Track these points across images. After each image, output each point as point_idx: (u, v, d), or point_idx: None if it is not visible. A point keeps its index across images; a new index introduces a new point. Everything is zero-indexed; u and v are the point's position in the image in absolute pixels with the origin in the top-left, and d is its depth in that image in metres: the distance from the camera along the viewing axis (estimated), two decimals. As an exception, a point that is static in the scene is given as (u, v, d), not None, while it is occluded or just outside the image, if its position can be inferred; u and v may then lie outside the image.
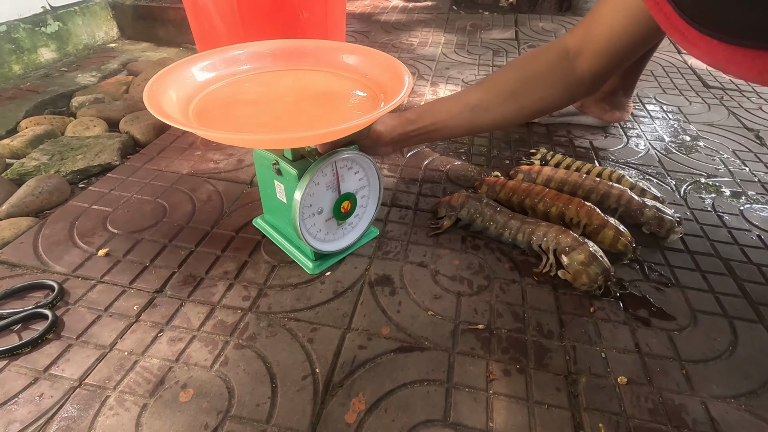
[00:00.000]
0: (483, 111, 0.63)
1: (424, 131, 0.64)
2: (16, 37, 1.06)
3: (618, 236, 0.61)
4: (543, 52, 0.62)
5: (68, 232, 0.64)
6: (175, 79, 0.51)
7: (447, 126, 0.64)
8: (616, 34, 0.54)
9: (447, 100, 0.65)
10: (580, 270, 0.56)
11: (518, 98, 0.62)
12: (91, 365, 0.47)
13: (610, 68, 0.59)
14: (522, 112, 0.64)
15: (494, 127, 0.68)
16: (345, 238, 0.61)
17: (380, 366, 0.47)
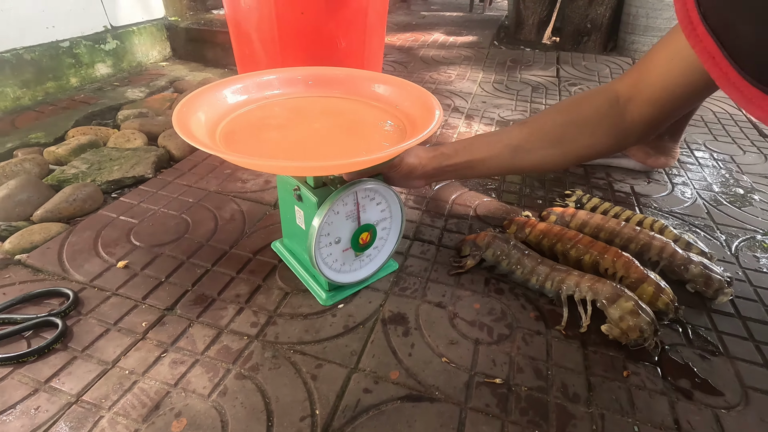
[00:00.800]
0: (524, 153, 0.60)
1: (460, 168, 0.61)
2: (77, 53, 1.14)
3: (659, 293, 0.56)
4: (592, 96, 0.58)
5: (93, 242, 0.65)
6: (206, 101, 0.52)
7: (484, 164, 0.61)
8: (670, 84, 0.51)
9: (487, 138, 0.62)
10: (630, 321, 0.51)
11: (563, 143, 0.59)
12: (91, 381, 0.46)
13: (663, 118, 0.54)
14: (566, 157, 0.60)
15: (533, 170, 0.64)
16: (362, 270, 0.59)
17: (384, 415, 0.44)
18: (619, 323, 0.52)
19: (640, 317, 0.51)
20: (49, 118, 1.01)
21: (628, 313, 0.51)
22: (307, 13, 0.71)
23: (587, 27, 1.77)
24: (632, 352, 0.52)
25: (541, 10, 1.90)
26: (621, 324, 0.51)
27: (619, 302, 0.52)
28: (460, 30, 2.20)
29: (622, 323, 0.51)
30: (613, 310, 0.52)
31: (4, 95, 1.01)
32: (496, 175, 0.75)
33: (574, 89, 1.40)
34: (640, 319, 0.51)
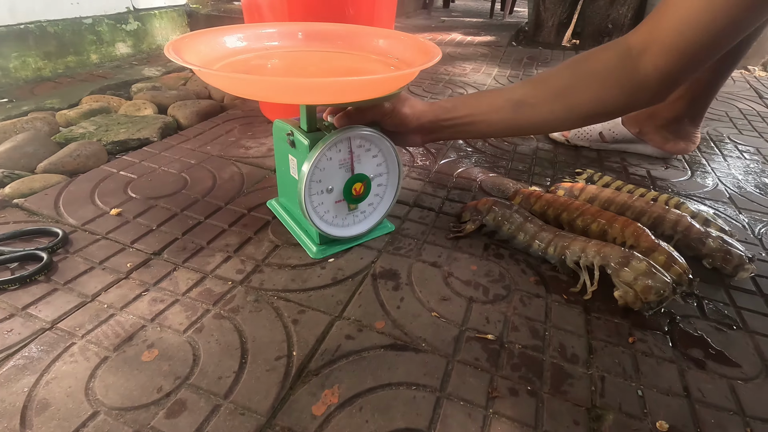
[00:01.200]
0: (528, 108, 0.56)
1: (459, 123, 0.58)
2: (99, 30, 1.17)
3: (671, 262, 0.52)
4: (603, 50, 0.54)
5: (90, 191, 0.65)
6: (204, 41, 0.51)
7: (485, 120, 0.58)
8: (688, 26, 0.46)
9: (488, 93, 0.59)
10: (647, 281, 0.47)
11: (569, 96, 0.54)
12: (68, 311, 0.44)
13: (681, 69, 0.50)
14: (572, 112, 0.55)
15: (540, 128, 0.60)
16: (355, 227, 0.57)
17: (365, 360, 0.41)
18: (634, 285, 0.48)
19: (656, 277, 0.47)
20: (66, 88, 1.03)
21: (642, 274, 0.48)
22: (315, -23, 0.71)
23: (608, 27, 1.74)
24: (638, 320, 0.48)
25: (561, 12, 1.88)
26: (636, 286, 0.48)
27: (632, 264, 0.49)
28: (479, 31, 2.19)
29: (636, 284, 0.48)
30: (626, 272, 0.49)
31: (25, 65, 1.04)
32: (499, 134, 0.71)
33: (592, 84, 1.37)
34: (656, 278, 0.47)
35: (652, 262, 0.49)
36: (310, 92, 0.43)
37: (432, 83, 1.29)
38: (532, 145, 0.92)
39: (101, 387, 0.37)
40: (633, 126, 0.87)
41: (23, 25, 1.01)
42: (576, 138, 0.91)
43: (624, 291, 0.49)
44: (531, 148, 0.90)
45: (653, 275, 0.48)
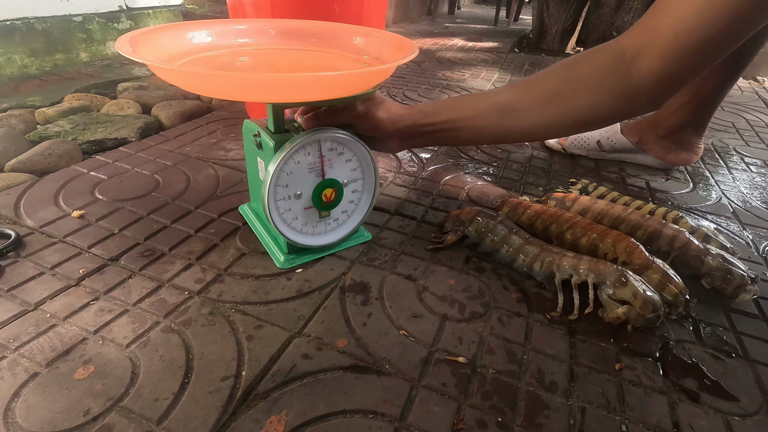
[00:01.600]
0: (513, 113, 0.52)
1: (440, 128, 0.55)
2: (89, 28, 1.16)
3: (666, 281, 0.48)
4: (595, 52, 0.50)
5: (55, 192, 0.62)
6: (170, 37, 0.48)
7: (468, 126, 0.54)
8: (685, 27, 0.42)
9: (471, 97, 0.56)
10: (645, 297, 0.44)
11: (558, 102, 0.51)
12: (6, 320, 0.41)
13: (678, 74, 0.46)
14: (561, 119, 0.52)
15: (527, 135, 0.56)
16: (327, 235, 0.53)
17: (321, 383, 0.37)
18: (633, 302, 0.44)
19: (652, 294, 0.44)
20: (51, 86, 1.01)
21: (639, 291, 0.44)
22: (299, -26, 0.69)
23: (613, 35, 1.70)
24: (628, 344, 0.44)
25: (566, 19, 1.85)
26: (635, 303, 0.44)
27: (630, 281, 0.45)
28: (481, 38, 2.16)
29: (636, 301, 0.44)
30: (626, 290, 0.45)
31: (11, 61, 1.02)
32: (484, 141, 0.68)
33: (594, 92, 1.33)
34: (651, 296, 0.44)
35: (645, 282, 0.46)
36: (271, 89, 0.39)
37: (429, 88, 1.26)
38: (527, 153, 0.88)
39: (23, 408, 0.34)
40: (633, 135, 0.83)
41: (9, 22, 0.99)
42: (572, 146, 0.87)
43: (627, 308, 0.45)
44: (525, 156, 0.86)
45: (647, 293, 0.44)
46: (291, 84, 0.39)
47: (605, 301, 0.47)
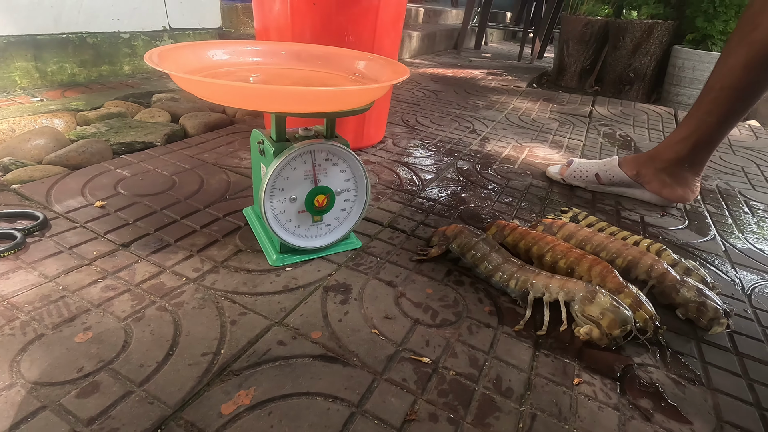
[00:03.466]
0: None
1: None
2: (134, 45, 1.27)
3: (636, 306, 0.49)
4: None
5: (83, 184, 0.69)
6: (193, 53, 0.55)
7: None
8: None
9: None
10: (612, 315, 0.46)
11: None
12: (23, 288, 0.47)
13: None
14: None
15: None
16: (318, 239, 0.57)
17: (290, 367, 0.41)
18: (601, 320, 0.46)
19: (621, 310, 0.46)
20: (94, 93, 1.11)
21: (608, 308, 0.46)
22: (318, 4, 0.76)
23: (630, 76, 1.73)
24: (591, 363, 0.46)
25: (584, 59, 1.90)
26: (603, 321, 0.46)
27: (597, 298, 0.47)
28: (502, 72, 2.23)
29: (603, 320, 0.46)
30: (592, 307, 0.47)
31: (62, 70, 1.13)
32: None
33: (604, 129, 1.36)
34: (621, 312, 0.46)
35: (615, 297, 0.48)
36: (271, 99, 0.45)
37: (441, 116, 1.32)
38: (526, 181, 0.91)
39: (27, 361, 0.38)
40: (631, 168, 0.85)
41: (65, 35, 1.11)
42: (571, 177, 0.89)
43: (589, 328, 0.47)
44: (524, 183, 0.89)
45: (617, 309, 0.46)
46: (291, 96, 0.44)
47: (579, 319, 0.49)
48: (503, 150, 1.07)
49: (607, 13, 1.81)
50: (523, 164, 0.99)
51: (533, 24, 2.79)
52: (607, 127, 1.38)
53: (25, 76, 1.07)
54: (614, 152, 1.15)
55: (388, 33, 0.85)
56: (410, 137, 1.09)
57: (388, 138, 1.06)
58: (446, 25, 3.23)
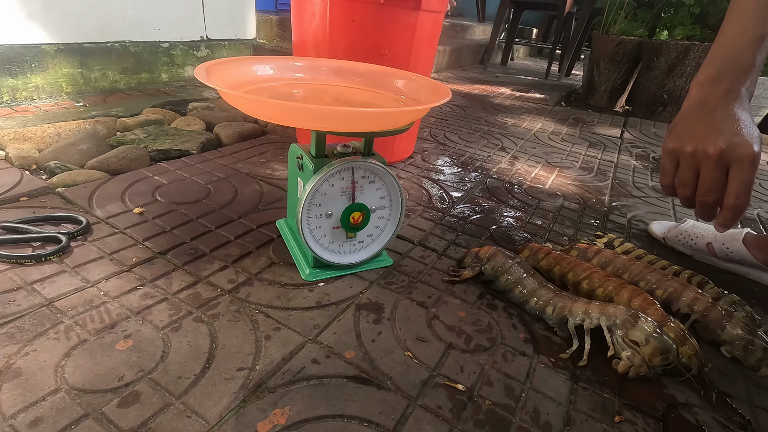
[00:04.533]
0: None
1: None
2: (173, 54, 1.32)
3: (681, 341, 0.48)
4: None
5: (123, 190, 0.71)
6: (238, 68, 0.56)
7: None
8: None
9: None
10: (655, 343, 0.45)
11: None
12: (68, 292, 0.48)
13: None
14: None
15: None
16: (351, 255, 0.57)
17: (324, 387, 0.40)
18: (643, 346, 0.45)
19: (664, 338, 0.45)
20: (133, 100, 1.15)
21: (651, 333, 0.45)
22: (357, 21, 0.77)
23: (663, 97, 1.70)
24: (632, 399, 0.44)
25: (615, 78, 1.87)
26: (645, 348, 0.45)
27: (640, 323, 0.46)
28: (529, 89, 2.22)
29: (646, 346, 0.45)
30: (635, 332, 0.46)
31: (105, 77, 1.18)
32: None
33: (636, 151, 1.33)
34: (664, 339, 0.45)
35: (658, 324, 0.46)
36: (315, 118, 0.45)
37: (469, 132, 1.31)
38: (557, 202, 0.89)
39: (71, 366, 0.39)
40: (762, 252, 0.66)
41: (109, 43, 1.16)
42: (675, 240, 0.75)
43: (632, 352, 0.46)
44: (555, 205, 0.88)
45: (660, 336, 0.45)
46: (332, 115, 0.44)
47: (619, 345, 0.47)
48: (533, 169, 1.06)
49: (641, 34, 1.78)
50: (554, 185, 0.98)
51: (561, 41, 2.77)
52: (640, 149, 1.35)
53: (70, 82, 1.11)
54: (648, 175, 1.13)
55: (424, 50, 0.85)
56: (439, 153, 1.09)
57: (417, 153, 1.06)
58: (473, 39, 3.24)
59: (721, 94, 0.44)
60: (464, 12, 4.53)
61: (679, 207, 0.95)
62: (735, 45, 0.45)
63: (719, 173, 0.42)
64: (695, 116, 0.44)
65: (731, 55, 0.45)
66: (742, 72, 0.44)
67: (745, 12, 0.45)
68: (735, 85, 0.44)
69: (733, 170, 0.42)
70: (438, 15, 0.85)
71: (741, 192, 0.41)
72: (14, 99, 1.02)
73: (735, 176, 0.42)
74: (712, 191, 0.43)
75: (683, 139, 0.45)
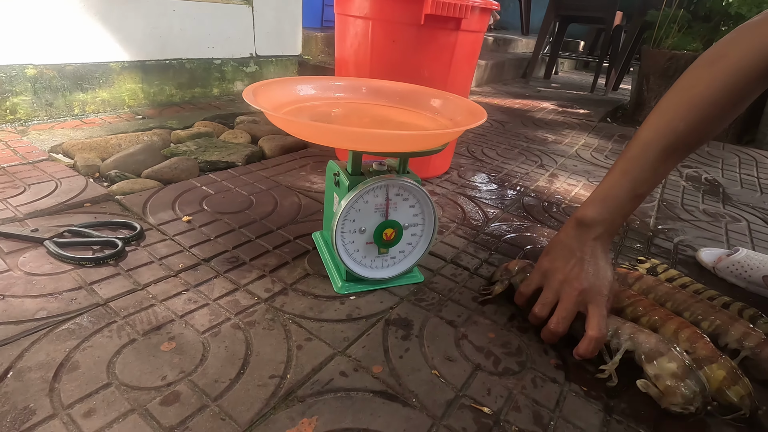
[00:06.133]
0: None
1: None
2: (224, 70, 1.40)
3: (733, 380, 0.45)
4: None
5: (173, 199, 0.76)
6: (282, 89, 0.60)
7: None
8: None
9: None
10: (671, 386, 0.43)
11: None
12: (121, 293, 0.52)
13: None
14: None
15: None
16: (383, 270, 0.58)
17: (351, 400, 0.41)
18: (656, 381, 0.43)
19: (684, 382, 0.42)
20: (186, 113, 1.23)
21: (669, 374, 0.43)
22: (398, 42, 0.79)
23: (719, 115, 1.60)
24: (669, 436, 0.42)
25: (667, 94, 1.79)
26: (657, 382, 0.43)
27: (660, 362, 0.44)
28: (573, 104, 2.16)
29: (658, 382, 0.43)
30: (651, 366, 0.44)
31: (162, 91, 1.27)
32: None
33: (687, 171, 1.26)
34: (684, 384, 0.42)
35: (687, 364, 0.44)
36: (351, 139, 0.47)
37: (508, 148, 1.30)
38: (598, 223, 0.86)
39: (121, 363, 0.42)
40: None
41: (168, 61, 1.25)
42: (727, 271, 0.71)
43: (644, 383, 0.45)
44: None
45: (681, 379, 0.43)
46: (368, 137, 0.46)
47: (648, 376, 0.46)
48: (573, 188, 1.03)
49: (695, 48, 1.70)
50: (595, 205, 0.94)
51: (609, 54, 2.69)
52: (691, 169, 1.28)
53: (132, 96, 1.21)
54: (699, 197, 1.07)
55: (462, 68, 0.86)
56: (476, 169, 1.08)
57: (454, 169, 1.06)
58: (515, 53, 3.21)
59: (592, 239, 0.53)
60: (508, 25, 4.50)
61: (732, 234, 0.89)
62: (618, 198, 0.52)
63: (574, 307, 0.50)
64: (568, 251, 0.53)
65: (613, 206, 0.53)
66: (616, 224, 0.54)
67: (636, 167, 0.52)
68: (605, 235, 0.53)
69: (591, 307, 0.50)
70: (478, 35, 0.86)
71: (602, 324, 0.48)
72: (83, 112, 1.13)
73: (594, 312, 0.49)
74: (566, 320, 0.50)
75: (556, 267, 0.53)
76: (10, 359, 0.42)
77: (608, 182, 0.54)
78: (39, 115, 1.05)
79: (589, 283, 0.51)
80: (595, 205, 0.54)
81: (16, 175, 0.77)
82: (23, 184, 0.74)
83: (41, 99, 1.04)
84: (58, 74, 1.05)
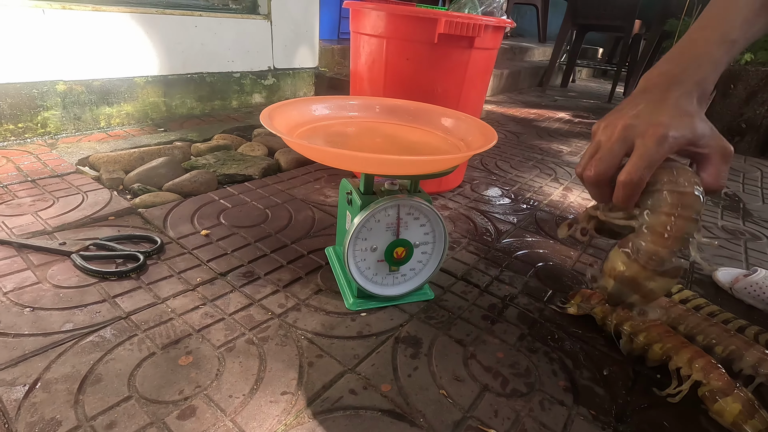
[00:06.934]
0: None
1: None
2: (243, 83, 1.44)
3: (750, 414, 0.44)
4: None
5: (192, 213, 0.78)
6: (297, 109, 0.62)
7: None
8: None
9: None
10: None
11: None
12: (142, 307, 0.54)
13: None
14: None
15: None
16: (393, 287, 0.59)
17: (359, 419, 0.42)
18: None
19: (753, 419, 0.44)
20: (206, 125, 1.27)
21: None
22: (411, 60, 0.80)
23: (741, 127, 1.57)
24: (678, 464, 0.42)
25: (686, 104, 1.76)
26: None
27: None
28: (590, 115, 2.14)
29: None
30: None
31: (183, 104, 1.31)
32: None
33: (707, 185, 1.24)
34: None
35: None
36: (360, 164, 0.49)
37: (522, 160, 1.30)
38: (612, 240, 0.86)
39: (141, 376, 0.44)
40: None
41: (189, 75, 1.29)
42: (744, 292, 0.69)
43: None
44: (609, 242, 0.84)
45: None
46: (380, 162, 0.48)
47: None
48: (588, 202, 1.03)
49: (716, 58, 1.67)
50: (609, 221, 0.94)
51: (628, 63, 2.65)
52: (710, 183, 1.25)
53: (155, 110, 1.25)
54: (717, 213, 1.05)
55: (475, 85, 0.87)
56: (489, 183, 1.09)
57: (467, 183, 1.07)
58: (531, 62, 3.19)
59: (664, 82, 0.38)
60: (524, 32, 4.48)
61: (751, 254, 0.87)
62: (701, 44, 0.39)
63: (618, 146, 0.37)
64: (629, 100, 0.39)
65: (696, 54, 0.38)
66: (702, 78, 0.37)
67: (724, 16, 0.39)
68: (687, 94, 0.37)
69: (636, 144, 0.36)
70: (491, 52, 0.87)
71: (637, 167, 0.35)
72: (109, 125, 1.17)
73: (636, 150, 0.36)
74: (601, 162, 0.38)
75: (607, 118, 0.39)
76: (39, 370, 0.44)
77: (679, 45, 0.40)
78: (67, 129, 1.09)
79: (641, 119, 0.36)
80: (663, 63, 0.39)
81: (46, 188, 0.81)
82: (52, 197, 0.78)
83: (70, 113, 1.08)
84: (86, 89, 1.10)
